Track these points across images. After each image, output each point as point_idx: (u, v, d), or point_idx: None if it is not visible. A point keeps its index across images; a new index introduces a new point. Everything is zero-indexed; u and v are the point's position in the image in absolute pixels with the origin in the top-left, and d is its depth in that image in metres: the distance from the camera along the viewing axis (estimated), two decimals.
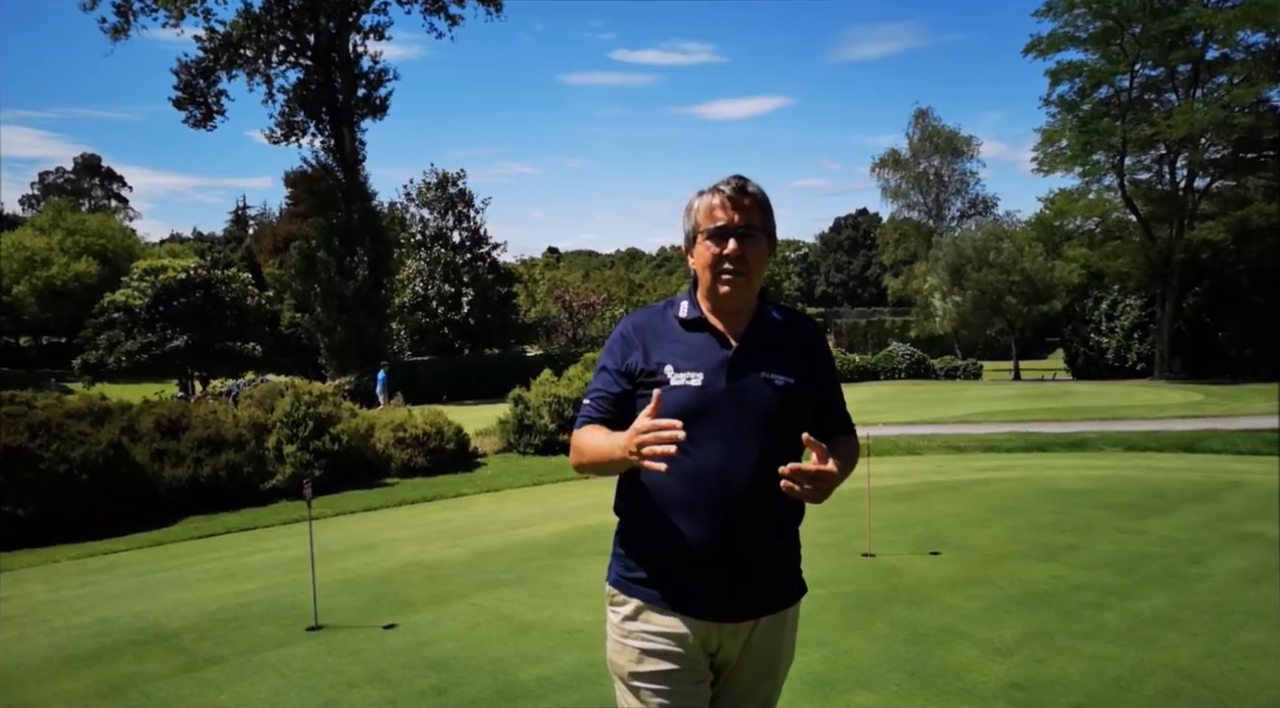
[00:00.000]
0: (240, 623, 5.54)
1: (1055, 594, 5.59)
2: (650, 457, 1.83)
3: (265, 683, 4.53)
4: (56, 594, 6.67)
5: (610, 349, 2.27)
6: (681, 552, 2.10)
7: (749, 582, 2.13)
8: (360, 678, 4.53)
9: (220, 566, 7.30)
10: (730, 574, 2.10)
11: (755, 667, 2.23)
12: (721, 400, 2.09)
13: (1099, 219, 37.28)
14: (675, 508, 2.11)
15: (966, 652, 4.62)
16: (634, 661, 2.17)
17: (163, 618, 5.73)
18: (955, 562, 6.45)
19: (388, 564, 6.99)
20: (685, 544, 2.08)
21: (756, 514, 2.09)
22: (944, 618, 5.16)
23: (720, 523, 2.07)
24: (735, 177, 2.20)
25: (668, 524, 2.10)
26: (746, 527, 2.08)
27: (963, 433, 14.61)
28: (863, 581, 6.01)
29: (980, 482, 10.08)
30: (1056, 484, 9.74)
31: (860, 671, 4.43)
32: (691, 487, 2.07)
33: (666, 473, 2.15)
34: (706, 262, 2.17)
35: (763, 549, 2.13)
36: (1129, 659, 4.45)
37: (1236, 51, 32.60)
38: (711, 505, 2.06)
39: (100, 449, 9.00)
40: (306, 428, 10.73)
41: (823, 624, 5.10)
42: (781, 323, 2.26)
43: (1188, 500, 8.61)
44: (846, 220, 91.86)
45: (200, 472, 9.90)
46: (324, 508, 9.66)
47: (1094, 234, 37.86)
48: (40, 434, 8.83)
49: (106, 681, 4.64)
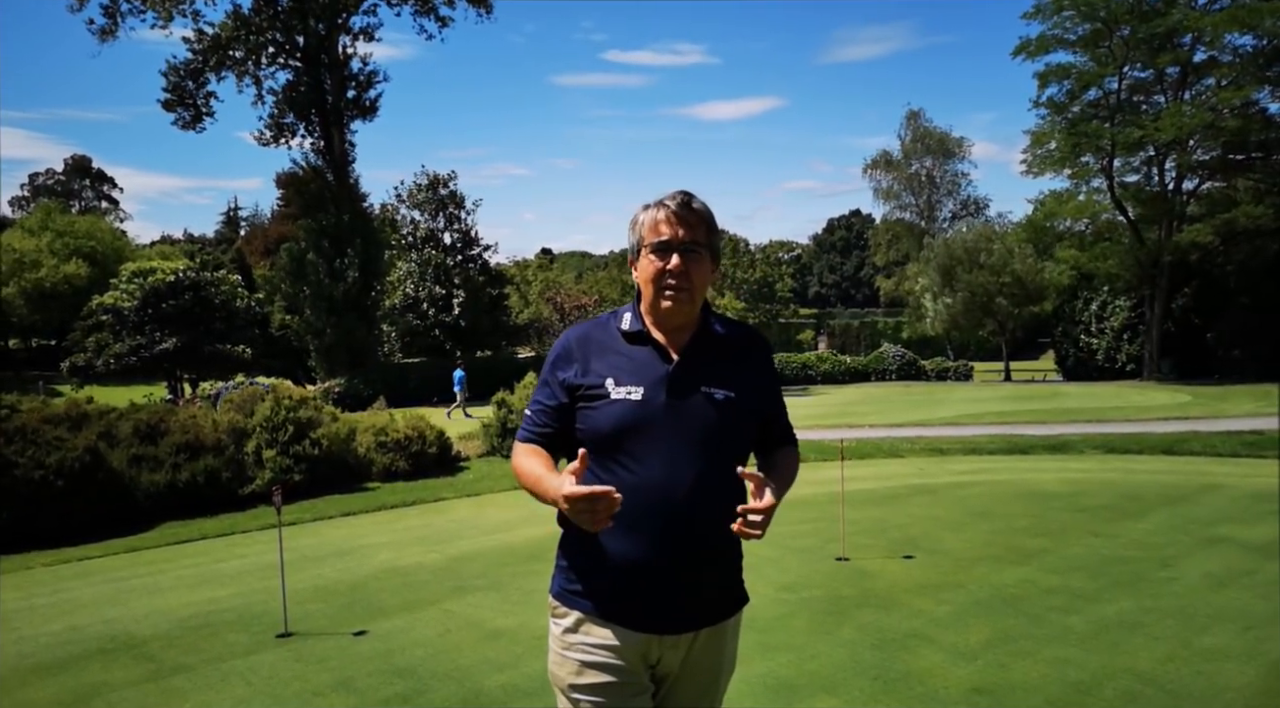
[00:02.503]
0: (210, 630, 5.54)
1: (1024, 598, 5.62)
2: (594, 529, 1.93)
3: (231, 691, 4.53)
4: (29, 601, 6.66)
5: (552, 362, 2.29)
6: (622, 565, 2.12)
7: (689, 595, 2.15)
8: (327, 686, 4.54)
9: (195, 572, 7.29)
10: (670, 587, 2.12)
11: (696, 678, 2.25)
12: (662, 415, 2.11)
13: (1088, 221, 37.33)
14: (616, 522, 2.12)
15: (931, 656, 4.65)
16: (574, 673, 2.19)
17: (133, 625, 5.72)
18: (928, 566, 6.48)
19: (362, 570, 6.99)
20: (625, 558, 2.10)
21: (696, 528, 2.10)
22: (912, 623, 5.19)
23: (660, 537, 2.09)
24: (681, 192, 2.22)
25: (608, 538, 2.11)
26: (686, 541, 2.10)
27: (946, 436, 14.66)
28: (834, 585, 6.03)
29: (959, 485, 10.11)
30: (1035, 487, 9.78)
31: (825, 676, 4.45)
32: (632, 501, 2.08)
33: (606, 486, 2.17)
34: (649, 276, 2.19)
35: (703, 563, 2.15)
36: (1091, 664, 4.48)
37: (1224, 54, 32.72)
38: (652, 520, 2.08)
39: (76, 455, 8.97)
40: (287, 432, 10.69)
41: (791, 629, 5.13)
42: (725, 336, 2.28)
43: (1162, 503, 8.65)
44: (839, 221, 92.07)
45: (178, 477, 9.86)
46: (302, 513, 9.64)
47: (1084, 236, 37.94)
48: (15, 440, 8.80)
49: (72, 690, 4.63)
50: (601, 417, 2.14)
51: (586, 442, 2.17)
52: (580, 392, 2.18)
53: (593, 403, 2.16)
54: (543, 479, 2.06)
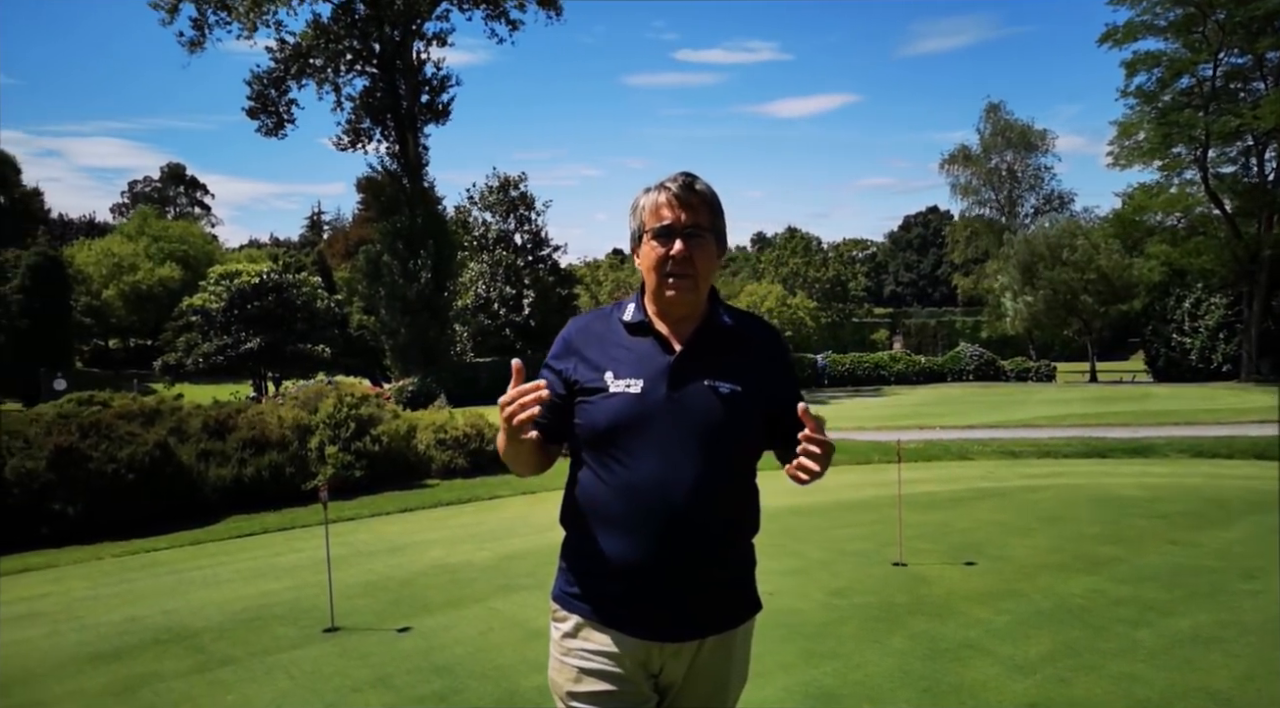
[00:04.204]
0: (261, 623, 5.62)
1: (1090, 609, 5.31)
2: (521, 425, 1.84)
3: (273, 685, 4.57)
4: (95, 591, 6.88)
5: (552, 353, 2.20)
6: (618, 568, 2.01)
7: (689, 600, 2.03)
8: (365, 682, 4.55)
9: (253, 565, 7.45)
10: (669, 593, 2.01)
11: (701, 689, 2.13)
12: (662, 409, 2.00)
13: (1180, 214, 35.77)
14: (612, 522, 2.03)
15: (986, 668, 4.41)
16: (572, 680, 2.10)
17: (188, 617, 5.85)
18: (989, 573, 6.19)
19: (413, 567, 7.03)
20: (622, 560, 2.00)
21: (697, 530, 1.99)
22: (967, 632, 4.94)
23: (657, 539, 1.98)
24: (683, 173, 2.11)
25: (605, 539, 2.02)
26: (686, 543, 1.98)
27: (1020, 437, 14.11)
28: (888, 591, 5.80)
29: (1029, 489, 9.69)
30: (1111, 492, 9.30)
31: (870, 686, 4.26)
32: (628, 501, 1.99)
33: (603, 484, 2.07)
34: (652, 263, 2.08)
35: (703, 566, 2.02)
36: (1160, 681, 4.18)
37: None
38: (648, 520, 1.97)
39: (147, 450, 9.29)
40: (348, 429, 10.91)
41: (839, 636, 4.94)
42: (733, 327, 2.16)
43: (1250, 511, 8.11)
44: (916, 218, 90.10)
45: (244, 472, 10.14)
46: (361, 509, 9.81)
47: (1175, 230, 36.31)
48: (90, 434, 9.18)
49: (123, 679, 4.74)
50: (599, 411, 2.04)
51: (584, 437, 2.08)
52: (578, 385, 2.09)
53: (590, 397, 2.07)
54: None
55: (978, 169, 55.81)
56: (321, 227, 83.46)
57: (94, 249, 53.60)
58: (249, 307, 34.84)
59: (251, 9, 29.17)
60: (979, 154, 55.71)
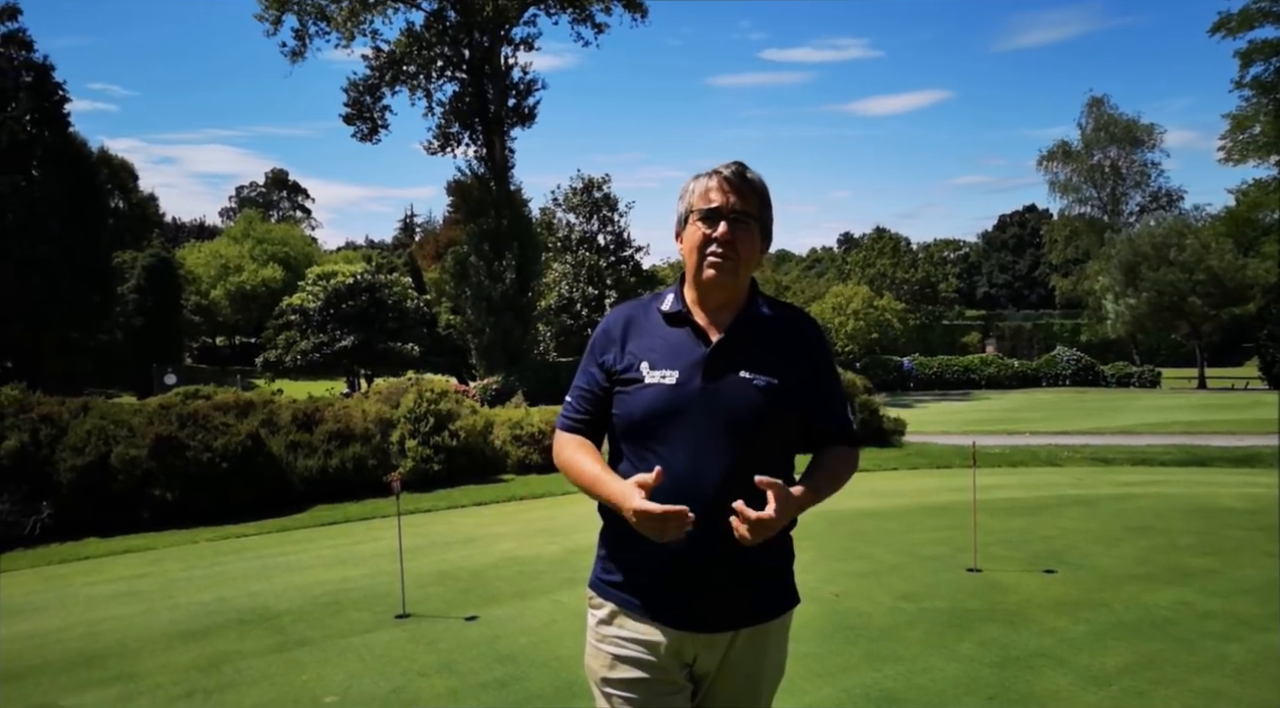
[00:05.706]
0: (338, 607, 5.83)
1: (1176, 622, 5.05)
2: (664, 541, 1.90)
3: (345, 666, 4.74)
4: (188, 573, 7.25)
5: (593, 344, 2.23)
6: (651, 558, 2.03)
7: (722, 592, 2.04)
8: (431, 667, 4.67)
9: (334, 552, 7.72)
10: (702, 583, 2.02)
11: (735, 681, 2.13)
12: (696, 400, 2.01)
13: None
14: None
15: (1058, 679, 4.25)
16: (606, 666, 2.13)
17: (271, 600, 6.10)
18: (1069, 582, 5.95)
19: (484, 559, 7.17)
20: (655, 551, 2.00)
21: (728, 522, 1.98)
22: (1042, 641, 4.77)
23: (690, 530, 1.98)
24: (736, 162, 2.12)
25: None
26: (718, 534, 1.97)
27: (1114, 444, 13.51)
28: (960, 597, 5.64)
29: (1119, 497, 9.27)
30: (1208, 502, 8.82)
31: (934, 692, 4.15)
32: (660, 491, 1.99)
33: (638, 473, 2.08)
34: (695, 244, 2.08)
35: (736, 558, 2.01)
36: (1247, 698, 3.96)
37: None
38: None
39: (240, 440, 9.76)
40: (428, 423, 11.22)
41: (905, 640, 4.83)
42: (772, 319, 2.15)
43: None
44: (1012, 218, 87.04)
45: (329, 463, 10.54)
46: (438, 501, 10.06)
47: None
48: (188, 424, 9.70)
49: (208, 656, 4.98)
50: (634, 402, 2.06)
51: (621, 427, 2.10)
52: (617, 375, 2.11)
53: (627, 387, 2.09)
54: (600, 479, 2.03)
55: (1078, 166, 53.55)
56: (414, 229, 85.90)
57: (203, 251, 56.61)
58: (344, 306, 36.05)
59: (349, 19, 30.23)
60: (1080, 150, 53.46)
